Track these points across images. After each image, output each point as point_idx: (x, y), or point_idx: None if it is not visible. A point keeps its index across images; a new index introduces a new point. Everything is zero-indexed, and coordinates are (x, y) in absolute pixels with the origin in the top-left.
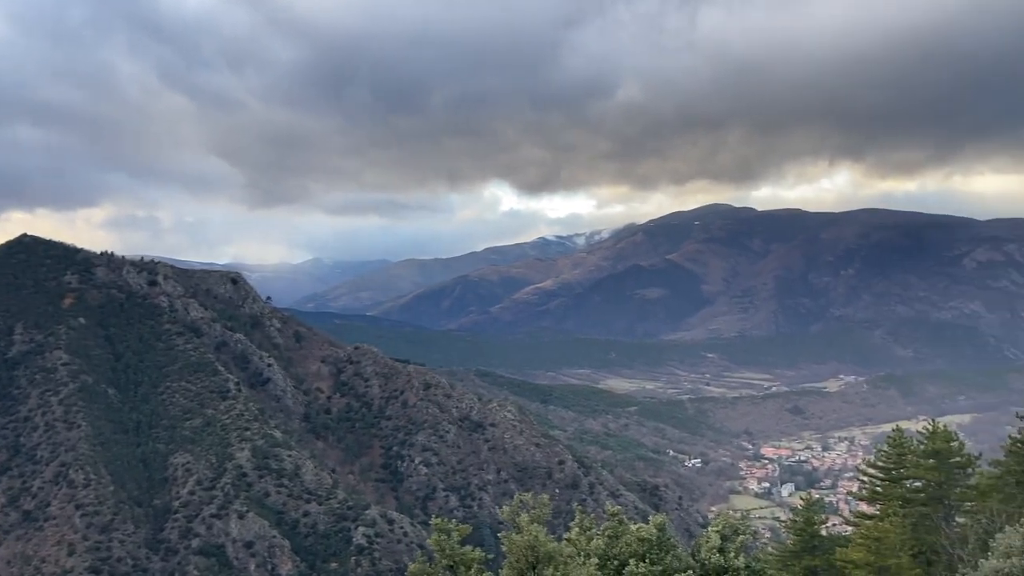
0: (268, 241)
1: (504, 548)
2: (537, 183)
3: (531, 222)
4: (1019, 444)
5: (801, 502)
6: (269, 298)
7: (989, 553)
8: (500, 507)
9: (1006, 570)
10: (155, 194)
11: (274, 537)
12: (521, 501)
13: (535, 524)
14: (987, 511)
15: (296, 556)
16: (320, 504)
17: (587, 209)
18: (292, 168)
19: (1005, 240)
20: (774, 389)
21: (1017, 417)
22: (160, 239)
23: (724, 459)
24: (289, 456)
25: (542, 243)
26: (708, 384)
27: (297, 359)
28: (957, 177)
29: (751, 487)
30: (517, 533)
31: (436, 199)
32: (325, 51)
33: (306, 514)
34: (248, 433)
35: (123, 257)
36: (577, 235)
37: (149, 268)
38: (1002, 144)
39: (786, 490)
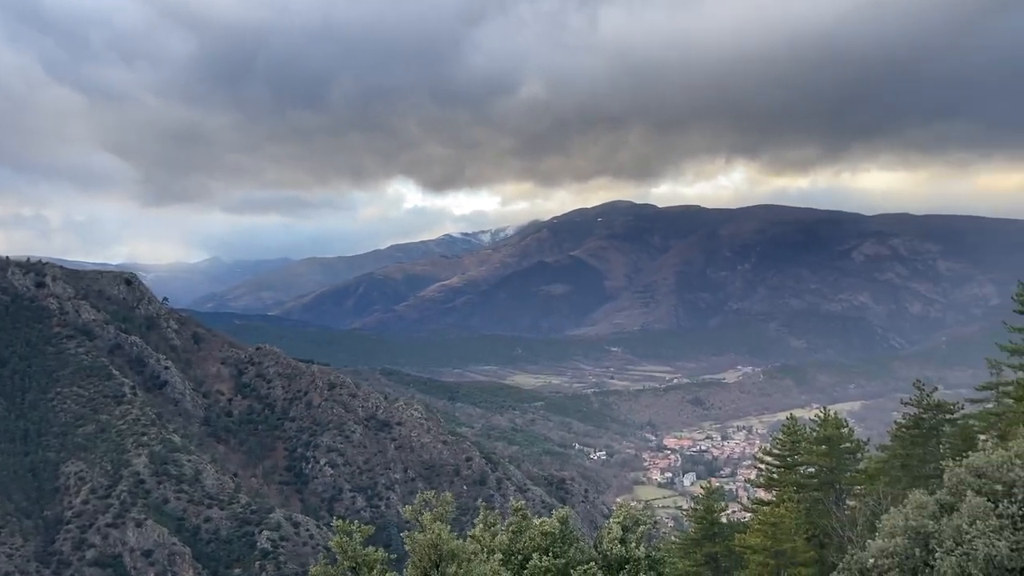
0: (164, 240)
1: (407, 547)
2: (442, 180)
3: (436, 219)
4: (904, 429)
5: (702, 491)
6: (165, 299)
7: (876, 533)
8: (405, 506)
9: (891, 549)
10: (42, 191)
11: (174, 544)
12: (424, 500)
13: (438, 522)
14: (874, 493)
15: (198, 563)
16: (222, 509)
17: (492, 206)
18: (189, 165)
19: (890, 235)
20: (675, 381)
21: (902, 403)
22: (48, 239)
23: (628, 451)
24: (189, 461)
25: (447, 240)
26: (612, 378)
27: (196, 361)
28: (846, 174)
29: (654, 477)
30: (420, 532)
31: (339, 197)
32: (222, 45)
33: (208, 520)
34: (145, 438)
35: (7, 258)
36: (482, 232)
37: (36, 269)
38: (888, 143)
39: (688, 479)
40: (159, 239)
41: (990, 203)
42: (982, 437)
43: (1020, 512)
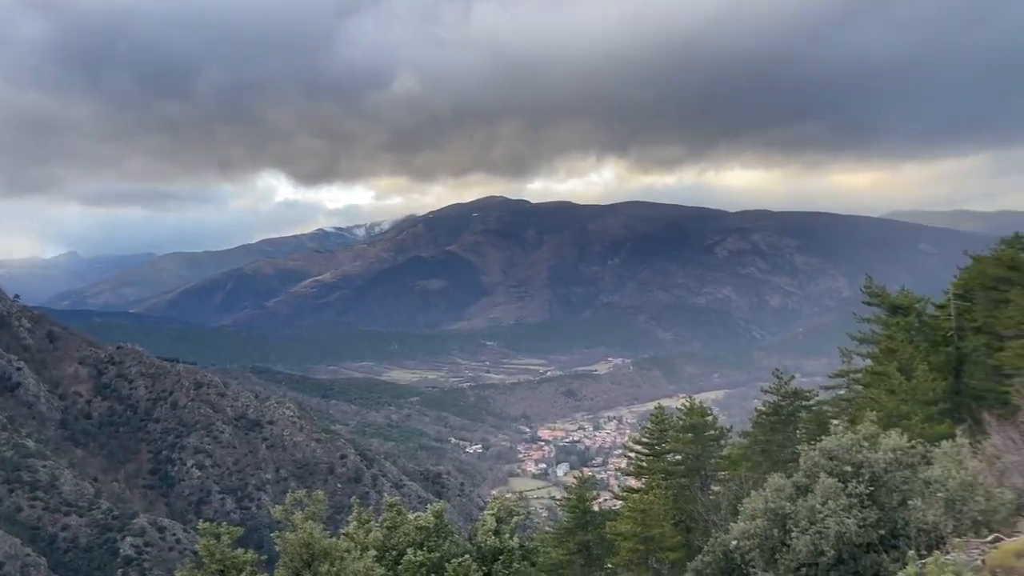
0: (16, 234)
1: (278, 548)
2: (314, 173)
3: (309, 213)
4: (764, 416)
5: (574, 480)
6: (17, 296)
7: (738, 516)
8: (276, 506)
9: (751, 531)
10: None
11: (28, 555)
12: (295, 499)
13: (310, 521)
14: (737, 478)
15: (55, 573)
16: (81, 516)
17: (366, 200)
18: (42, 154)
19: (751, 231)
20: (549, 374)
21: (762, 392)
22: None
23: (504, 443)
24: (44, 466)
25: (320, 235)
26: (488, 371)
27: (52, 361)
28: (711, 172)
29: (529, 469)
30: (291, 531)
31: (206, 189)
32: (79, 29)
33: (65, 528)
34: None
35: None
36: (357, 227)
37: None
38: (749, 142)
39: (561, 470)
40: (11, 232)
41: (841, 200)
42: (834, 422)
43: (867, 491)
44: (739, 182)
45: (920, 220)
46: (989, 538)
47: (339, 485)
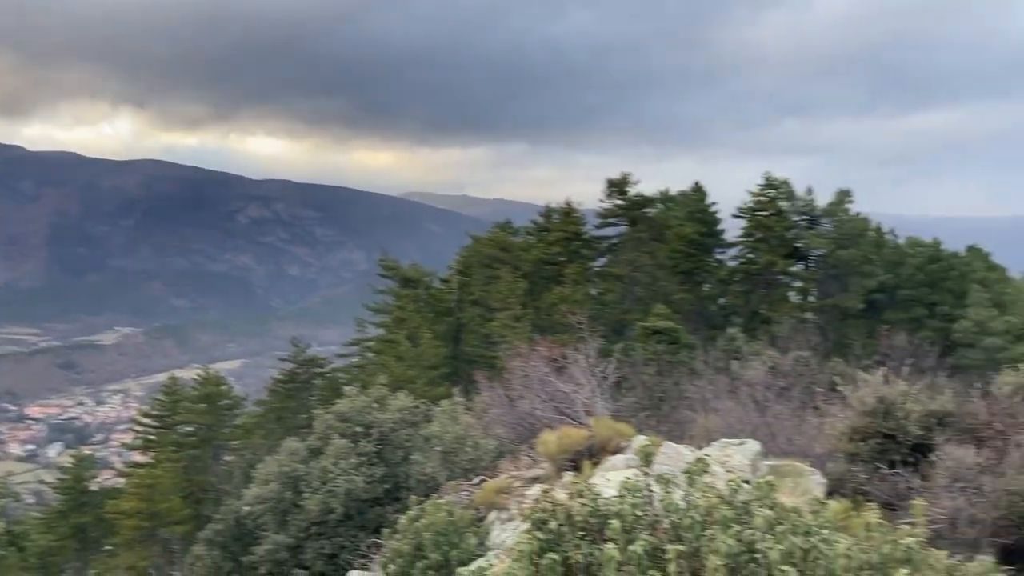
0: None
1: None
2: None
3: None
4: (280, 384)
5: (70, 460)
6: None
7: (252, 483)
8: None
9: (264, 495)
10: None
11: None
12: None
13: None
14: (251, 446)
15: None
16: None
17: None
18: None
19: (274, 199)
20: (44, 344)
21: (279, 360)
22: None
23: None
24: None
25: None
26: None
27: None
28: (234, 136)
29: (14, 451)
30: None
31: None
32: None
33: None
34: None
35: None
36: None
37: None
38: (274, 110)
39: (54, 450)
40: None
41: (362, 177)
42: (347, 388)
43: (375, 449)
44: (264, 150)
45: (430, 201)
46: (476, 480)
47: None
